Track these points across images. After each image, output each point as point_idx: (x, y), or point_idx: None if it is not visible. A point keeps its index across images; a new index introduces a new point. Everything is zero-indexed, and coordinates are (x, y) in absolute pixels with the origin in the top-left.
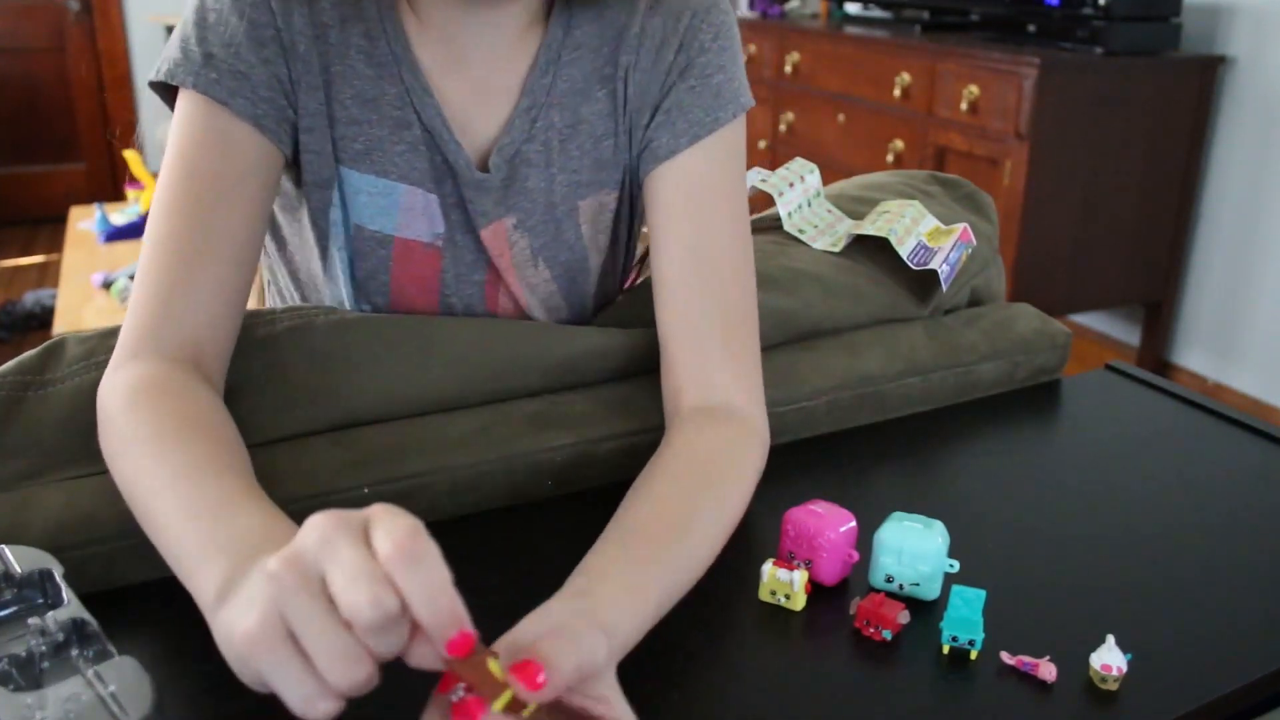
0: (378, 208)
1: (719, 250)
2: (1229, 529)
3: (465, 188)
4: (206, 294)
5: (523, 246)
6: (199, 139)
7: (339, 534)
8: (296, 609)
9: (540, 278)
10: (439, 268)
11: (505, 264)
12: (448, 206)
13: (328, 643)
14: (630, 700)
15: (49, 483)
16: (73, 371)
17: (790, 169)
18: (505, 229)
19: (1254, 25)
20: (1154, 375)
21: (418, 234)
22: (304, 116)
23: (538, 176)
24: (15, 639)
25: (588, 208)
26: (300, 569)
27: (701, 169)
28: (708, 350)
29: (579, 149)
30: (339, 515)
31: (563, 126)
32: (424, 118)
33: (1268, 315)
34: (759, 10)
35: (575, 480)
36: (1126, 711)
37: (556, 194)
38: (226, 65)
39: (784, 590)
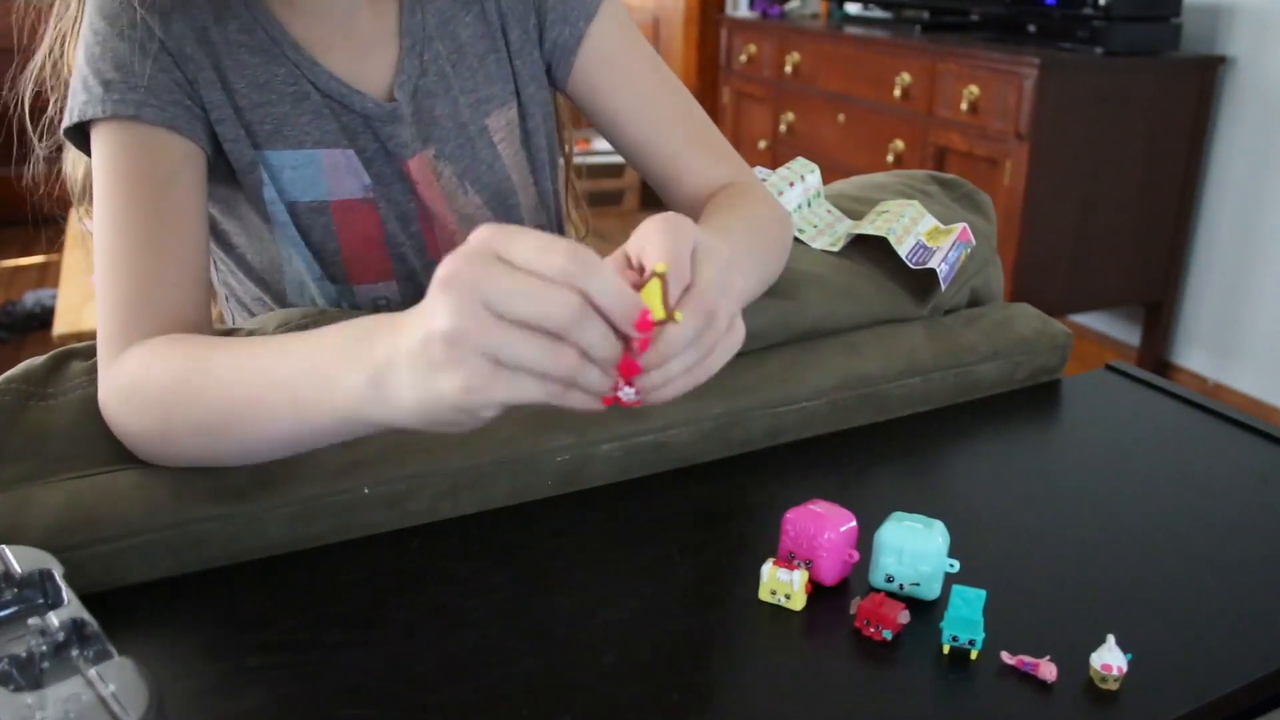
0: (305, 179)
1: (670, 81)
2: (1229, 529)
3: (379, 127)
4: (175, 278)
5: (448, 175)
6: (123, 156)
7: (490, 266)
8: (496, 343)
9: (472, 204)
10: (379, 220)
11: (436, 195)
12: (367, 159)
13: (536, 352)
14: (630, 700)
15: (49, 483)
16: (77, 385)
17: (791, 169)
18: (428, 161)
19: (1254, 25)
20: (1154, 375)
21: (349, 192)
22: (212, 110)
23: (442, 104)
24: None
25: (496, 125)
26: (477, 313)
27: (610, 35)
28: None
29: (469, 69)
30: (467, 252)
31: (448, 54)
32: (319, 84)
33: (1268, 315)
34: (759, 10)
35: (575, 480)
36: (1127, 711)
37: (464, 115)
38: (126, 84)
39: (784, 590)
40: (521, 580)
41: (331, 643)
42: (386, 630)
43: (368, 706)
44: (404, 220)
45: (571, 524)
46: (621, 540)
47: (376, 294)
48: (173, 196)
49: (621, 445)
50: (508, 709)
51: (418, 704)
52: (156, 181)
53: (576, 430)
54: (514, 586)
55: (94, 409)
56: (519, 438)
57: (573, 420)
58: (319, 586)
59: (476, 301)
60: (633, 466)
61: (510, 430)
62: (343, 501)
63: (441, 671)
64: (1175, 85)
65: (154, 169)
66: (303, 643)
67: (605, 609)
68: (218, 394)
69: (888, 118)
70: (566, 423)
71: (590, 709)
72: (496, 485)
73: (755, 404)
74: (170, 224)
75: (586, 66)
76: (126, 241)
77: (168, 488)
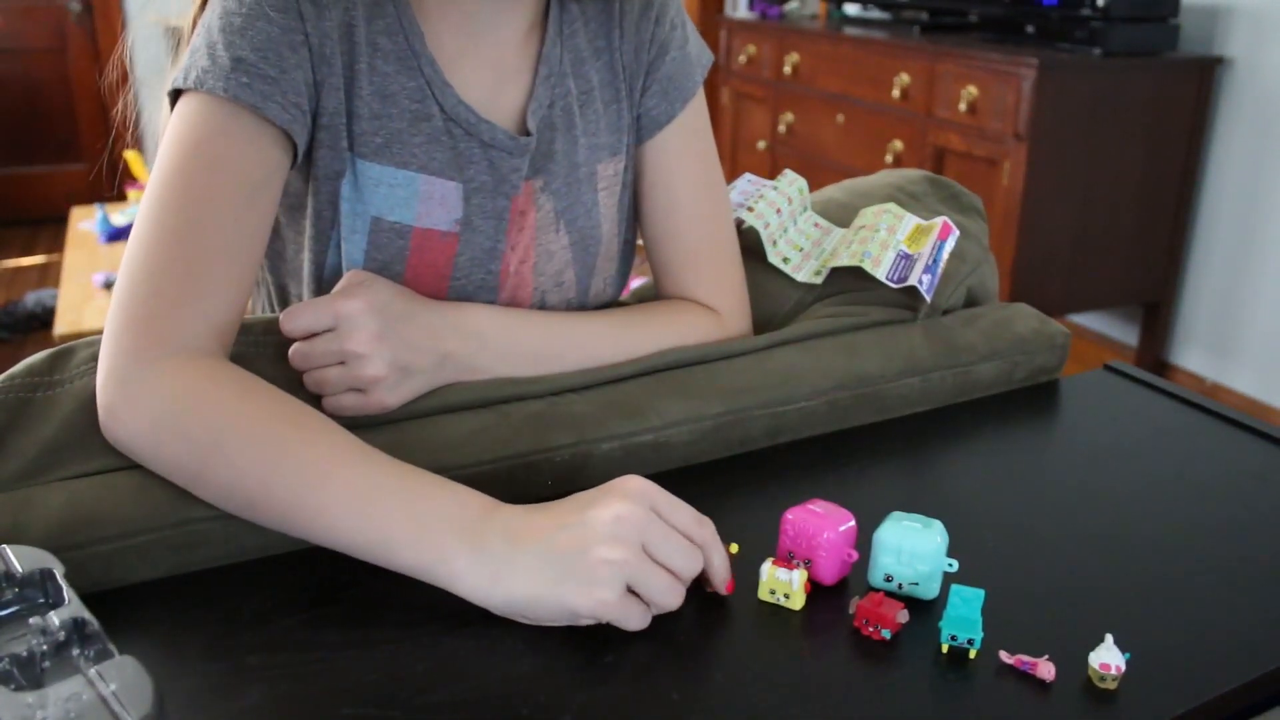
0: (397, 199)
1: (711, 194)
2: (1228, 529)
3: (501, 159)
4: (234, 289)
5: (547, 210)
6: (225, 142)
7: (653, 517)
8: (646, 577)
9: (559, 244)
10: (453, 253)
11: (529, 224)
12: (470, 191)
13: (669, 592)
14: (630, 700)
15: (49, 483)
16: (80, 372)
17: (779, 187)
18: (533, 190)
19: (1252, 26)
20: (1152, 375)
21: (436, 223)
22: (324, 114)
23: (562, 139)
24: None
25: (605, 173)
26: (636, 551)
27: (689, 127)
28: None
29: (594, 113)
30: (637, 497)
31: (578, 93)
32: (446, 107)
33: (1266, 315)
34: (758, 11)
35: (575, 480)
36: (1125, 710)
37: (579, 156)
38: (258, 70)
39: (783, 590)
40: None
41: (331, 643)
42: (386, 630)
43: (368, 706)
44: (483, 256)
45: None
46: None
47: None
48: (259, 203)
49: (621, 445)
50: (508, 709)
51: (418, 704)
52: (252, 182)
53: (576, 430)
54: None
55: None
56: (519, 438)
57: (573, 420)
58: (319, 586)
59: (638, 541)
60: (632, 466)
61: (510, 430)
62: None
63: (441, 671)
64: (1173, 86)
65: (253, 168)
66: (303, 643)
67: None
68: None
69: (887, 118)
70: (566, 423)
71: (590, 709)
72: (496, 485)
73: (755, 404)
74: (249, 231)
75: (656, 146)
76: (198, 232)
77: (168, 488)
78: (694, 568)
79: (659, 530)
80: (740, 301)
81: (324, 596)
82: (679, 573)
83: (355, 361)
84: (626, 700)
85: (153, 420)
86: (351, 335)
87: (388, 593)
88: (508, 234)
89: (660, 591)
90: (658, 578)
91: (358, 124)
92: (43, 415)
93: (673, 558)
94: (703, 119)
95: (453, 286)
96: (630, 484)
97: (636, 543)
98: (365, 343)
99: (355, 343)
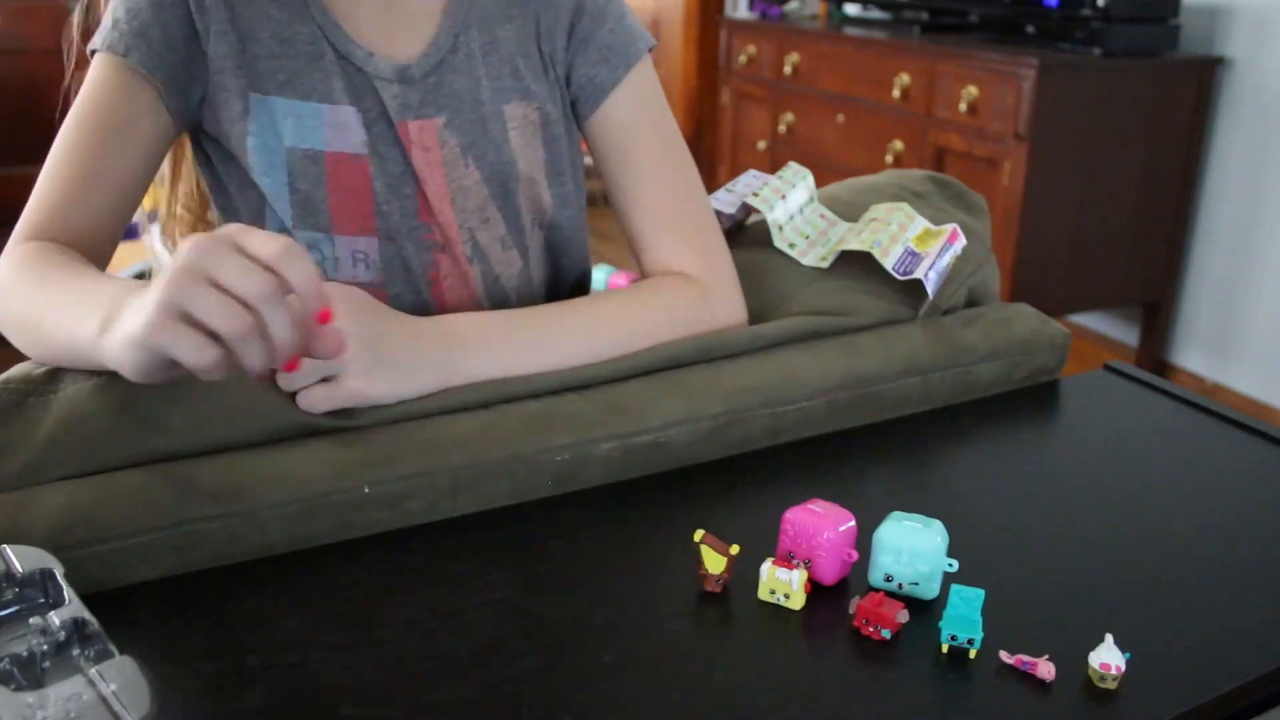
0: (305, 128)
1: (673, 158)
2: (1228, 529)
3: (384, 87)
4: (95, 208)
5: (453, 145)
6: (100, 87)
7: (220, 245)
8: (192, 295)
9: (471, 179)
10: (368, 176)
11: (434, 162)
12: (370, 120)
13: (220, 309)
14: (630, 700)
15: (49, 483)
16: (74, 377)
17: (783, 177)
18: (435, 127)
19: (1253, 27)
20: (1152, 375)
21: (345, 146)
22: (214, 59)
23: (464, 80)
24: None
25: (514, 114)
26: (191, 272)
27: (639, 93)
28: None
29: (499, 61)
30: (210, 235)
31: (483, 43)
32: (337, 46)
33: (1266, 316)
34: (758, 11)
35: (575, 480)
36: (1125, 710)
37: (483, 95)
38: (128, 26)
39: (783, 589)
40: (521, 580)
41: (331, 643)
42: (386, 630)
43: (368, 706)
44: (396, 182)
45: (571, 524)
46: (621, 540)
47: (356, 247)
48: (123, 138)
49: (621, 445)
50: (508, 709)
51: (418, 704)
52: (118, 120)
53: (576, 430)
54: (514, 586)
55: (93, 401)
56: (519, 438)
57: (573, 420)
58: (319, 586)
59: (196, 268)
60: (632, 466)
61: (510, 430)
62: (343, 501)
63: (441, 671)
64: (1173, 86)
65: (119, 107)
66: (303, 643)
67: (605, 609)
68: (34, 326)
69: (887, 118)
70: (566, 423)
71: (590, 708)
72: (496, 485)
73: (754, 404)
74: (112, 162)
75: (607, 116)
76: (69, 158)
77: (168, 488)
78: (258, 289)
79: (217, 256)
80: (720, 265)
81: (324, 596)
82: (243, 296)
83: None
84: (626, 700)
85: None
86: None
87: (388, 593)
88: (413, 162)
89: (210, 312)
90: (205, 298)
91: (259, 64)
92: (36, 416)
93: (236, 281)
94: (652, 87)
95: (379, 213)
96: (226, 228)
97: (195, 271)
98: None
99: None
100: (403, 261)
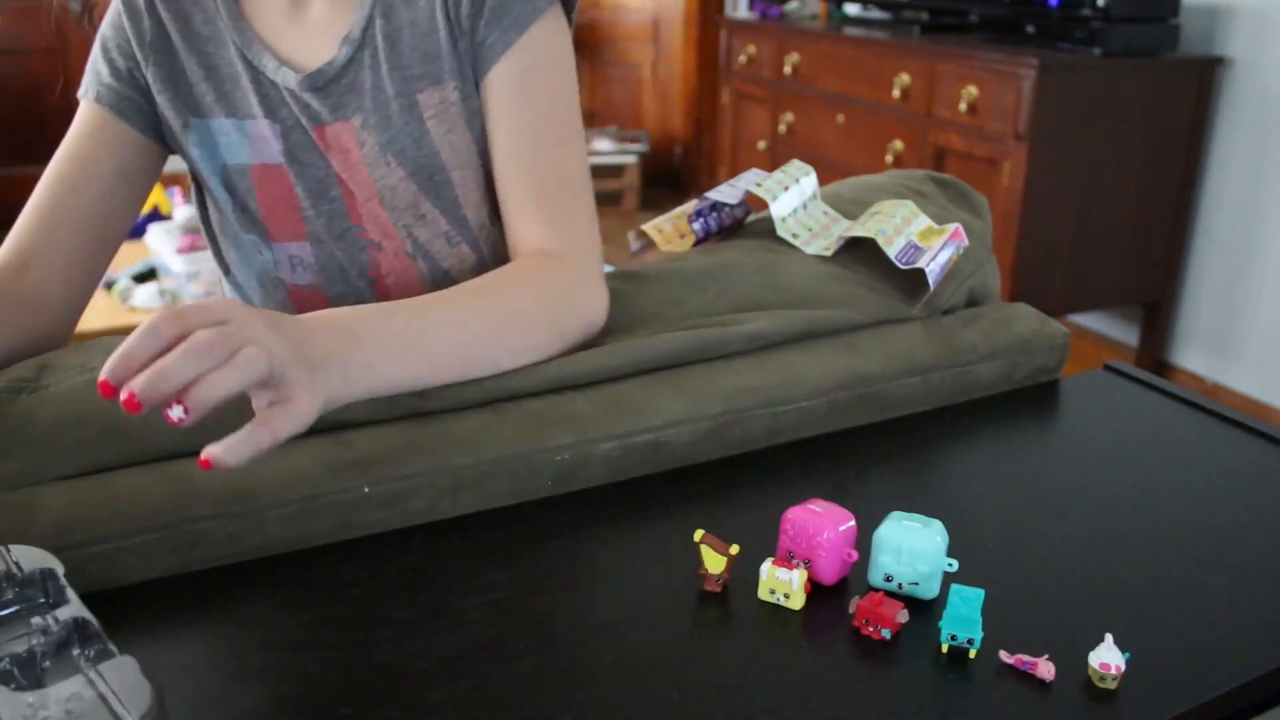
0: (234, 144)
1: (557, 131)
2: (1227, 529)
3: (295, 96)
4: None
5: (371, 145)
6: (72, 129)
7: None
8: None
9: (395, 177)
10: (290, 185)
11: (356, 163)
12: (287, 129)
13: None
14: (630, 700)
15: (49, 483)
16: (67, 376)
17: (786, 171)
18: (352, 129)
19: (1252, 26)
20: (1152, 375)
21: (267, 158)
22: (154, 85)
23: (370, 75)
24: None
25: (428, 101)
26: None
27: (529, 58)
28: (538, 222)
29: (409, 46)
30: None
31: (389, 31)
32: (252, 62)
33: (1266, 316)
34: (758, 11)
35: (575, 480)
36: (1125, 710)
37: (390, 89)
38: (92, 69)
39: (783, 589)
40: (521, 580)
41: (331, 643)
42: (386, 630)
43: (368, 706)
44: (319, 186)
45: (571, 524)
46: (621, 540)
47: (291, 253)
48: (87, 169)
49: (620, 445)
50: (508, 709)
51: (418, 704)
52: (82, 154)
53: (576, 430)
54: (514, 586)
55: (92, 400)
56: (519, 438)
57: (572, 420)
58: (319, 586)
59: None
60: (632, 466)
61: (510, 430)
62: (343, 501)
63: (441, 671)
64: (1173, 86)
65: (84, 143)
66: (302, 643)
67: (605, 609)
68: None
69: (887, 118)
70: (566, 422)
71: (590, 708)
72: (496, 485)
73: (754, 404)
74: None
75: (490, 82)
76: (35, 200)
77: (168, 488)
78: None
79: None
80: (583, 238)
81: (324, 596)
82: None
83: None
84: (626, 700)
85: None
86: (246, 323)
87: (388, 593)
88: (334, 166)
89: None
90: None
91: (192, 90)
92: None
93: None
94: (549, 50)
95: (308, 218)
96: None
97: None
98: (261, 329)
99: (252, 328)
100: (338, 263)
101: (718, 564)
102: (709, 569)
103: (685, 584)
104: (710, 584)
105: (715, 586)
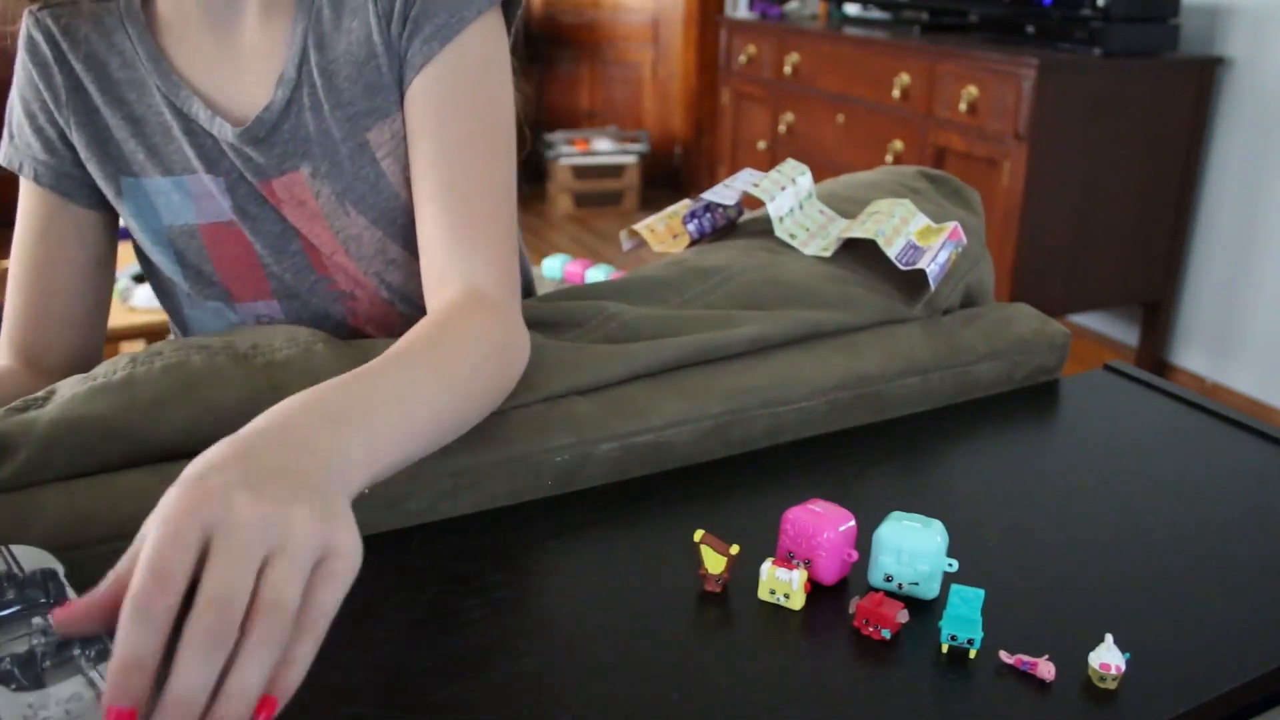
0: (175, 204)
1: (478, 147)
2: (1228, 529)
3: (238, 154)
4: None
5: (327, 195)
6: (22, 205)
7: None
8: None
9: (358, 225)
10: (246, 242)
11: (312, 214)
12: (232, 183)
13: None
14: (630, 700)
15: (49, 483)
16: (70, 383)
17: (782, 171)
18: (303, 179)
19: (1252, 26)
20: (1152, 375)
21: (216, 215)
22: (80, 149)
23: (311, 118)
24: (17, 638)
25: (379, 139)
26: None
27: (453, 70)
28: (459, 256)
29: (346, 79)
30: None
31: (324, 64)
32: (183, 111)
33: (1266, 315)
34: (758, 11)
35: (574, 480)
36: (1125, 710)
37: (337, 131)
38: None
39: (783, 589)
40: (521, 580)
41: (332, 642)
42: (386, 630)
43: (368, 706)
44: (278, 241)
45: (571, 524)
46: (621, 540)
47: (257, 312)
48: (42, 247)
49: (620, 445)
50: (508, 708)
51: (418, 704)
52: (36, 232)
53: (576, 430)
54: (514, 586)
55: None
56: (519, 438)
57: (572, 420)
58: None
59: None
60: (632, 466)
61: (510, 430)
62: None
63: (441, 671)
64: (1173, 86)
65: (44, 237)
66: None
67: (605, 609)
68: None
69: (887, 118)
70: (566, 423)
71: (590, 708)
72: (496, 485)
73: (754, 404)
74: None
75: (415, 96)
76: (16, 279)
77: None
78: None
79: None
80: (505, 271)
81: None
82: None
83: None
84: (626, 700)
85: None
86: (236, 531)
87: (388, 593)
88: (289, 220)
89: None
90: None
91: (120, 148)
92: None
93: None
94: (479, 60)
95: (271, 274)
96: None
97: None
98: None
99: (250, 530)
100: (311, 316)
101: (718, 564)
102: (709, 569)
103: (685, 584)
104: (710, 584)
105: (715, 586)
